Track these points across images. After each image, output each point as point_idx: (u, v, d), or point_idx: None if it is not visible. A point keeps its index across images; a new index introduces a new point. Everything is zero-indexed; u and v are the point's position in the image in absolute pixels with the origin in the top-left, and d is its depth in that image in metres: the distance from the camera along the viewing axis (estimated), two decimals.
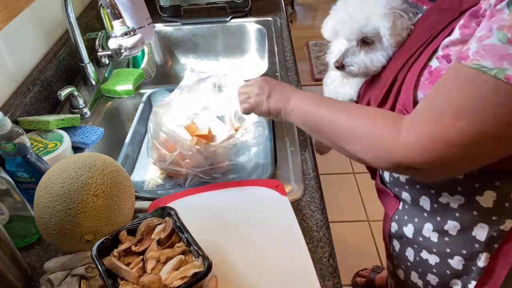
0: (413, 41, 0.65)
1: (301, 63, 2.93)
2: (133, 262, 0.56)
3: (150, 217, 0.61)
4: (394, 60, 0.70)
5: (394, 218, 0.80)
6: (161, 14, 1.47)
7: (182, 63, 1.50)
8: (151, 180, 0.94)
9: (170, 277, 0.53)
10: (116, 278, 0.54)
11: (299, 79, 1.14)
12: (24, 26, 0.99)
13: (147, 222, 0.60)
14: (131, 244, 0.58)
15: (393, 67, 0.68)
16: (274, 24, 1.41)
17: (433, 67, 0.59)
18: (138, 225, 0.60)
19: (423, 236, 0.73)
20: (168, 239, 0.58)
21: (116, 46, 0.91)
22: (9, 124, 0.67)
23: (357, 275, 1.59)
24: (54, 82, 1.05)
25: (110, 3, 0.90)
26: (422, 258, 0.75)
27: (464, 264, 0.69)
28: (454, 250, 0.69)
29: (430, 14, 0.64)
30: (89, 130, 0.96)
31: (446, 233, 0.69)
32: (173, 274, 0.53)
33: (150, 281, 0.52)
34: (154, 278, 0.52)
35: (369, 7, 0.69)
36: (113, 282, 0.53)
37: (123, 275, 0.54)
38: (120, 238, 0.59)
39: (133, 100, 1.13)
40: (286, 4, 1.65)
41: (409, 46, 0.66)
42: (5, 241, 0.59)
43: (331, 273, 0.63)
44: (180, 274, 0.53)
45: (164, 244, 0.57)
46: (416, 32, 0.66)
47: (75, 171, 0.62)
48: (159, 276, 0.53)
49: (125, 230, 0.60)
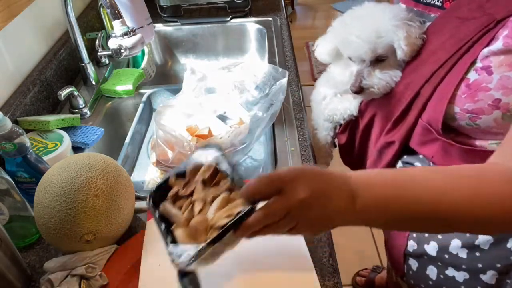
0: (435, 52, 0.61)
1: (301, 63, 2.93)
2: (183, 205, 0.54)
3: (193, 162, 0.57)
4: (409, 73, 0.66)
5: (411, 237, 0.73)
6: (161, 14, 1.47)
7: (182, 63, 1.50)
8: (151, 180, 0.94)
9: (216, 217, 0.49)
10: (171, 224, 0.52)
11: (299, 79, 1.14)
12: (24, 26, 0.99)
13: (195, 165, 0.56)
14: (179, 187, 0.55)
15: (410, 80, 0.65)
16: (274, 24, 1.41)
17: (472, 80, 0.56)
18: (185, 167, 0.56)
19: (450, 253, 0.68)
20: (212, 178, 0.54)
21: (116, 46, 0.91)
22: (9, 124, 0.67)
23: (357, 275, 1.59)
24: (54, 82, 1.05)
25: (110, 3, 0.90)
26: (448, 275, 0.70)
27: (498, 278, 0.65)
28: (486, 265, 0.65)
29: (446, 23, 0.61)
30: (89, 130, 0.96)
31: (477, 248, 0.65)
32: (219, 213, 0.50)
33: (197, 223, 0.50)
34: (201, 219, 0.50)
35: (376, 23, 0.66)
36: (167, 227, 0.51)
37: (174, 219, 0.52)
38: (170, 184, 0.56)
39: (133, 100, 1.13)
40: (286, 4, 1.65)
41: (432, 58, 0.62)
42: (5, 241, 0.59)
43: (331, 273, 0.63)
44: (225, 212, 0.49)
45: (210, 184, 0.54)
46: (434, 41, 0.63)
47: (75, 171, 0.62)
48: (205, 217, 0.50)
49: (174, 176, 0.56)
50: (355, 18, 0.70)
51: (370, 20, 0.67)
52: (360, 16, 0.69)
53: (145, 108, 1.11)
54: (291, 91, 1.05)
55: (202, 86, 1.02)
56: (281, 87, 0.93)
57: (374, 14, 0.68)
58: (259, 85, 1.00)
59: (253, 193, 0.46)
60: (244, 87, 1.01)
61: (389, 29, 0.65)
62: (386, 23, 0.65)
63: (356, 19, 0.69)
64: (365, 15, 0.69)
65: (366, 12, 0.70)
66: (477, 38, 0.56)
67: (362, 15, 0.69)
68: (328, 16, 3.75)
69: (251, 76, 1.02)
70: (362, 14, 0.69)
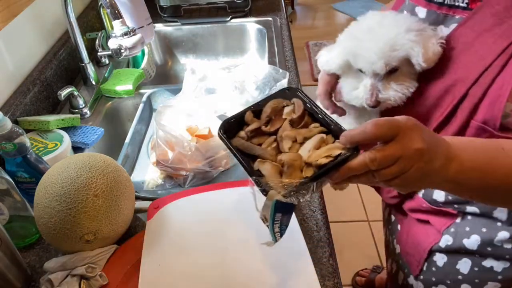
0: (476, 53, 0.59)
1: (301, 63, 2.93)
2: (264, 142, 0.52)
3: (274, 98, 0.56)
4: (442, 76, 0.63)
5: (449, 231, 0.72)
6: (161, 14, 1.47)
7: (182, 63, 1.50)
8: (151, 180, 0.94)
9: (313, 156, 0.48)
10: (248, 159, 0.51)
11: (299, 79, 1.14)
12: (24, 26, 0.99)
13: (273, 103, 0.55)
14: (260, 124, 0.54)
15: (450, 83, 0.62)
16: (274, 24, 1.41)
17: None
18: (264, 104, 0.55)
19: (494, 245, 0.69)
20: (300, 120, 0.53)
21: (116, 46, 0.92)
22: (9, 124, 0.67)
23: (357, 275, 1.59)
24: (54, 82, 1.05)
25: (110, 3, 0.90)
26: (485, 267, 0.71)
27: None
28: None
29: (482, 21, 0.59)
30: (89, 130, 0.96)
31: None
32: (316, 152, 0.48)
33: (291, 159, 0.48)
34: (295, 156, 0.49)
35: (389, 35, 0.63)
36: (249, 160, 0.50)
37: (259, 153, 0.50)
38: (246, 120, 0.54)
39: (133, 100, 1.13)
40: (286, 4, 1.65)
41: (475, 58, 0.59)
42: (5, 241, 0.59)
43: (331, 273, 0.63)
44: (325, 153, 0.48)
45: (298, 125, 0.53)
46: (468, 42, 0.60)
47: (75, 171, 0.62)
48: (299, 154, 0.49)
49: (250, 111, 0.55)
50: (364, 30, 0.66)
51: (382, 32, 0.64)
52: (369, 28, 0.66)
53: (145, 108, 1.11)
54: None
55: (202, 86, 1.02)
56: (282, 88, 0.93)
57: (385, 25, 0.65)
58: (260, 85, 1.00)
59: (361, 138, 0.46)
60: (244, 87, 1.01)
61: (404, 43, 0.62)
62: (400, 36, 0.63)
63: (366, 31, 0.66)
64: (375, 26, 0.66)
65: (375, 23, 0.66)
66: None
67: (372, 27, 0.66)
68: (328, 16, 3.75)
69: (251, 76, 1.02)
70: (371, 26, 0.66)
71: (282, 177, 0.48)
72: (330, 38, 3.31)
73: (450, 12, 0.63)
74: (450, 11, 0.63)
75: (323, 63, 0.74)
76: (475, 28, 0.60)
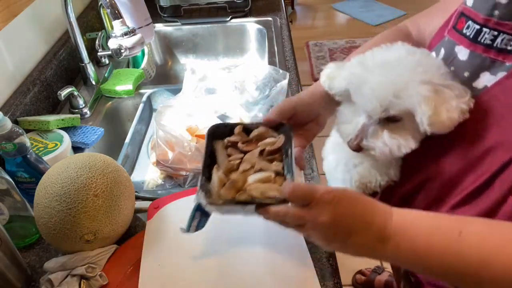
0: None
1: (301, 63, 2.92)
2: (233, 156, 0.58)
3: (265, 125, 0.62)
4: (490, 134, 0.50)
5: None
6: (161, 14, 1.47)
7: (182, 63, 1.50)
8: (151, 180, 0.94)
9: (253, 186, 0.53)
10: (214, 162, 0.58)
11: (299, 79, 1.14)
12: (24, 26, 0.99)
13: (264, 130, 0.61)
14: (240, 140, 0.60)
15: (491, 145, 0.49)
16: (274, 24, 1.41)
17: None
18: (256, 127, 0.61)
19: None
20: (271, 154, 0.58)
21: (116, 46, 0.92)
22: (9, 124, 0.67)
23: (358, 273, 1.59)
24: (54, 82, 1.05)
25: (110, 3, 0.90)
26: None
27: None
28: None
29: None
30: (89, 130, 0.96)
31: None
32: (257, 185, 0.53)
33: (236, 179, 0.54)
34: (241, 178, 0.54)
35: (399, 78, 0.53)
36: (210, 164, 0.57)
37: (220, 160, 0.58)
38: (235, 131, 0.61)
39: (133, 100, 1.13)
40: (286, 4, 1.65)
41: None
42: (5, 241, 0.59)
43: (331, 273, 0.63)
44: (263, 188, 0.52)
45: (265, 156, 0.58)
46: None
47: (75, 171, 0.62)
48: (246, 178, 0.55)
49: (241, 126, 0.61)
50: (378, 63, 0.56)
51: (395, 72, 0.53)
52: (384, 62, 0.56)
53: (145, 108, 1.11)
54: (291, 91, 1.05)
55: (202, 86, 1.02)
56: (282, 89, 0.93)
57: (403, 65, 0.54)
58: (260, 86, 1.00)
59: (288, 194, 0.48)
60: (244, 87, 1.01)
61: (412, 95, 0.51)
62: (412, 85, 0.52)
63: (380, 64, 0.56)
64: (391, 62, 0.55)
65: (393, 58, 0.56)
66: None
67: (388, 61, 0.55)
68: (328, 16, 3.75)
69: (251, 76, 1.02)
70: (387, 60, 0.56)
71: (221, 189, 0.53)
72: (330, 38, 3.31)
73: (499, 57, 0.50)
74: (499, 56, 0.50)
75: (327, 78, 0.63)
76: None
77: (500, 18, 0.49)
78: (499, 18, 0.49)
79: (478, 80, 0.53)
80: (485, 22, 0.50)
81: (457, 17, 0.56)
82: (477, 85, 0.53)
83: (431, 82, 0.52)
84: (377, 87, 0.53)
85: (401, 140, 0.55)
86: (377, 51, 0.59)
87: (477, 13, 0.51)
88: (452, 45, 0.56)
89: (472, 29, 0.52)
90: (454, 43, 0.55)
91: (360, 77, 0.56)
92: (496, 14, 0.49)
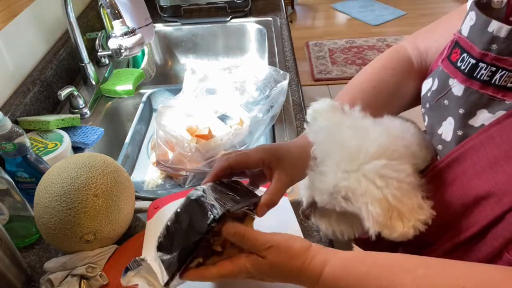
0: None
1: (301, 63, 2.93)
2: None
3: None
4: (482, 180, 0.45)
5: None
6: (161, 14, 1.47)
7: (182, 63, 1.50)
8: (151, 180, 0.94)
9: None
10: None
11: (299, 79, 1.14)
12: (24, 26, 0.99)
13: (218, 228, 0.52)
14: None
15: (485, 194, 0.44)
16: (274, 24, 1.41)
17: None
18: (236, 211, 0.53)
19: None
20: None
21: (116, 46, 0.92)
22: (9, 124, 0.67)
23: None
24: (54, 82, 1.05)
25: (110, 3, 0.90)
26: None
27: None
28: None
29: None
30: (89, 130, 0.96)
31: None
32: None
33: None
34: None
35: (348, 155, 0.46)
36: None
37: None
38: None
39: (133, 100, 1.13)
40: (286, 4, 1.65)
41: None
42: (5, 241, 0.59)
43: None
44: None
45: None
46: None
47: (75, 171, 0.62)
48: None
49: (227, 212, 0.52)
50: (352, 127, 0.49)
51: (349, 145, 0.47)
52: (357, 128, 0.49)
53: (145, 108, 1.11)
54: (291, 91, 1.05)
55: (202, 86, 1.02)
56: (282, 90, 0.93)
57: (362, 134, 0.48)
58: (260, 86, 1.00)
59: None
60: (244, 88, 1.01)
61: (355, 188, 0.45)
62: (359, 172, 0.45)
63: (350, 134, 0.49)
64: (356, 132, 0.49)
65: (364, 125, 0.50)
66: None
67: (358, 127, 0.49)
68: (328, 16, 3.75)
69: (252, 77, 1.02)
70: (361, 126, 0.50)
71: None
72: (330, 38, 3.31)
73: (498, 94, 0.45)
74: (498, 93, 0.45)
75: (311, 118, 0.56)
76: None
77: (498, 53, 0.45)
78: (497, 53, 0.45)
79: (474, 118, 0.48)
80: (481, 57, 0.46)
81: (451, 47, 0.51)
82: (474, 123, 0.48)
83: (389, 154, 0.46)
84: (327, 169, 0.48)
85: (344, 228, 0.52)
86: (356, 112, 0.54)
87: (473, 45, 0.47)
88: (446, 77, 0.51)
89: (467, 63, 0.48)
90: (448, 75, 0.51)
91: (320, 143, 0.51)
92: (494, 49, 0.45)
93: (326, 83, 2.83)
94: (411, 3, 3.75)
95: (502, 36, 0.44)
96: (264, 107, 0.93)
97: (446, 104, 0.51)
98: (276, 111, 0.91)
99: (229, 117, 1.04)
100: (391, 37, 3.28)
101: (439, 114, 0.53)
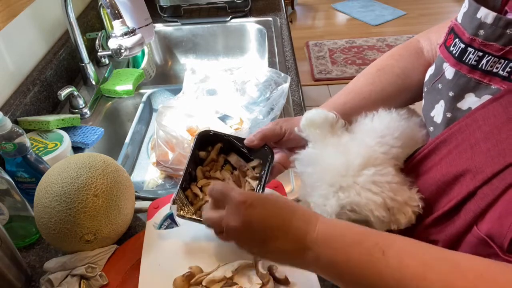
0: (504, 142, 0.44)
1: (301, 63, 2.93)
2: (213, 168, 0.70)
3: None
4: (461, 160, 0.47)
5: None
6: (161, 14, 1.47)
7: (182, 63, 1.50)
8: (151, 180, 0.94)
9: None
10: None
11: (299, 79, 1.14)
12: (24, 26, 0.99)
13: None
14: (215, 155, 0.70)
15: (461, 171, 0.47)
16: (274, 24, 1.41)
17: None
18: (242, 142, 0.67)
19: None
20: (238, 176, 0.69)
21: (116, 46, 0.92)
22: (9, 124, 0.67)
23: None
24: (54, 82, 1.05)
25: (110, 3, 0.90)
26: None
27: None
28: None
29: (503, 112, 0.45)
30: (89, 130, 0.96)
31: None
32: None
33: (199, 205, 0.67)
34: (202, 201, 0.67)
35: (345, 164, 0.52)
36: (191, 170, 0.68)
37: (198, 177, 0.69)
38: (221, 143, 0.70)
39: (133, 100, 1.13)
40: (286, 4, 1.65)
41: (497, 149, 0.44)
42: (5, 241, 0.59)
43: None
44: None
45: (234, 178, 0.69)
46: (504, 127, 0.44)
47: (75, 171, 0.62)
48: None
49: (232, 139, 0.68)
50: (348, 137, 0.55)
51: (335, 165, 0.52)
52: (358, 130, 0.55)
53: (145, 108, 1.11)
54: (291, 91, 1.05)
55: (203, 87, 1.02)
56: (283, 92, 0.93)
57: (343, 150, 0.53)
58: (260, 87, 1.01)
59: (208, 192, 0.53)
60: (245, 89, 1.01)
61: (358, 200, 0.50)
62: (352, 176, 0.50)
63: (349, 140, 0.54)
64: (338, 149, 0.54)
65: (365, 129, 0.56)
66: None
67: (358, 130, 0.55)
68: (328, 16, 3.75)
69: (252, 78, 1.02)
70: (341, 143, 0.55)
71: (193, 203, 0.66)
72: (330, 38, 3.31)
73: (484, 79, 0.47)
74: (485, 78, 0.47)
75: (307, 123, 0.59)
76: (509, 109, 0.44)
77: (485, 38, 0.46)
78: (484, 38, 0.47)
79: (462, 101, 0.50)
80: (470, 42, 0.48)
81: (447, 33, 0.54)
82: (462, 106, 0.50)
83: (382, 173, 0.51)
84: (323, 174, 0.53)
85: None
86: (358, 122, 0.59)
87: (464, 31, 0.49)
88: (441, 62, 0.53)
89: (458, 48, 0.50)
90: (443, 60, 0.53)
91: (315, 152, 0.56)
92: (481, 34, 0.47)
93: (326, 83, 2.83)
94: (411, 3, 3.75)
95: (488, 22, 0.46)
96: (264, 109, 0.93)
97: (440, 87, 0.53)
98: (277, 113, 0.91)
99: (230, 117, 1.04)
100: (391, 37, 3.28)
101: (433, 97, 0.55)
